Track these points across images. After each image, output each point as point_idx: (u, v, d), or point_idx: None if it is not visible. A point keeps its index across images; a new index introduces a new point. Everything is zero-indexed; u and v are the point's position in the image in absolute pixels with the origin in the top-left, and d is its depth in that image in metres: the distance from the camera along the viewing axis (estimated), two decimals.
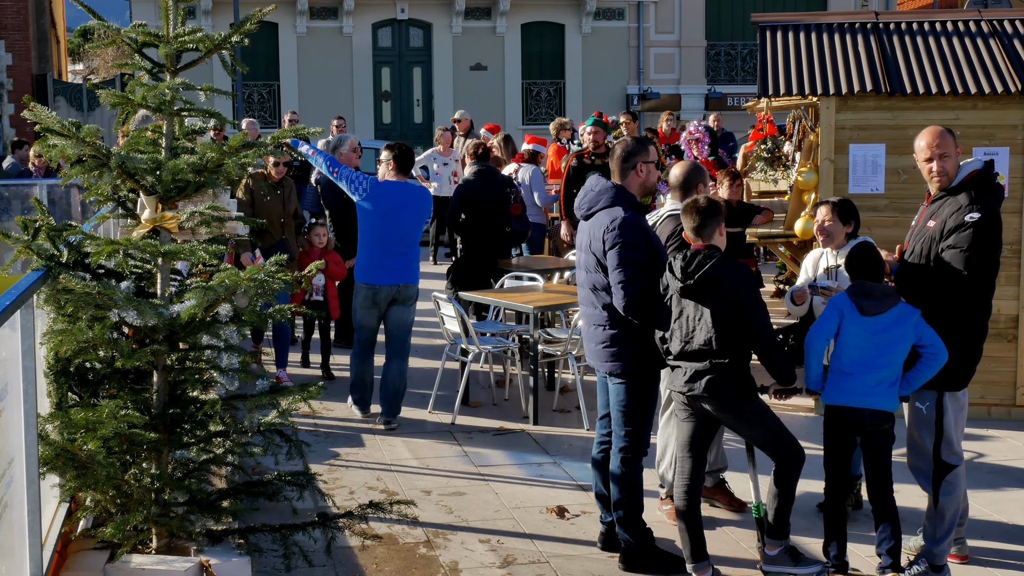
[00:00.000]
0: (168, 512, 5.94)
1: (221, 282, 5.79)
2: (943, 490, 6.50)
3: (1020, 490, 8.20)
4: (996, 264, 6.52)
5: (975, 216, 6.34)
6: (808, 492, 7.45)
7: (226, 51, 6.12)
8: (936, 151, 6.54)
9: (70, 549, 5.98)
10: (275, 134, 6.14)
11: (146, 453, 5.94)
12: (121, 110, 6.11)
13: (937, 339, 6.33)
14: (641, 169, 6.89)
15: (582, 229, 6.95)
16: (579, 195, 6.99)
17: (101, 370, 5.95)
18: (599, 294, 6.77)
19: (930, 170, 6.59)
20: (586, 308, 6.96)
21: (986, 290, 6.54)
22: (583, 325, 7.02)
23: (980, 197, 6.43)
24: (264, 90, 35.19)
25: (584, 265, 6.89)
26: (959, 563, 6.82)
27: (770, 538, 6.55)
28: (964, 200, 6.43)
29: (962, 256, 6.33)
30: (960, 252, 6.34)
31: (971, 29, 10.49)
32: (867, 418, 6.41)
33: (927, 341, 6.35)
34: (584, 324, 6.99)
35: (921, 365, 6.39)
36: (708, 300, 6.31)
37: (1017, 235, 9.72)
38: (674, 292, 6.45)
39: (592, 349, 6.91)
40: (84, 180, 5.95)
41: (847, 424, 6.46)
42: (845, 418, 6.46)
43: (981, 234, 6.34)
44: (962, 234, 6.35)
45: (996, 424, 9.64)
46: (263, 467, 7.24)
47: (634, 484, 6.81)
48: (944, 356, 6.33)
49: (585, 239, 6.88)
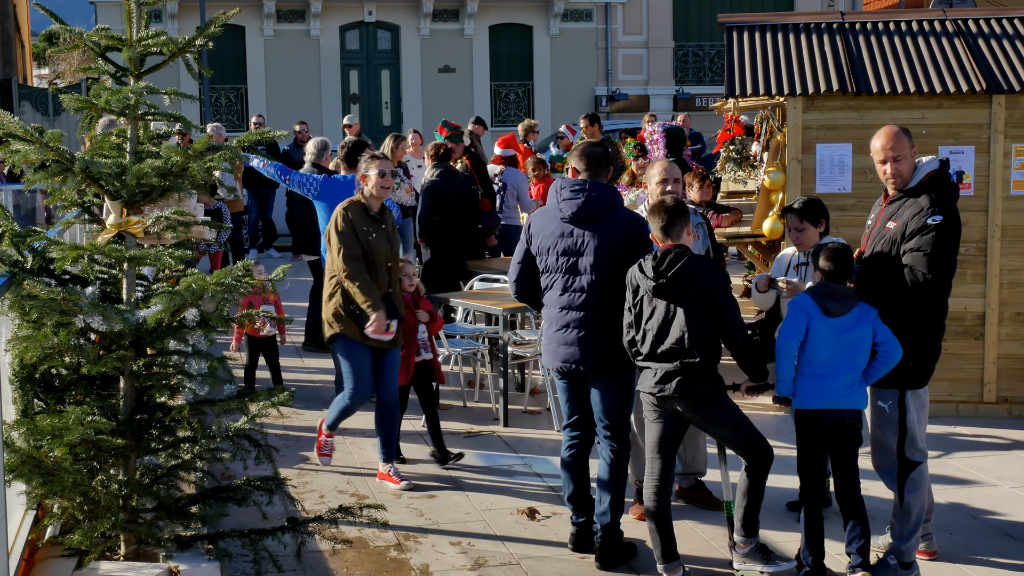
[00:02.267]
0: (136, 518, 5.90)
1: (188, 287, 5.75)
2: (908, 487, 6.54)
3: (987, 486, 8.25)
4: (954, 265, 6.56)
5: (937, 219, 6.36)
6: (777, 490, 7.48)
7: (190, 55, 6.08)
8: (890, 153, 6.57)
9: (37, 557, 5.94)
10: (240, 137, 6.11)
11: (113, 459, 5.90)
12: (85, 114, 6.06)
13: (891, 336, 6.37)
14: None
15: (584, 231, 6.87)
16: (572, 198, 6.91)
17: (67, 376, 5.90)
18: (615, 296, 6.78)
19: (884, 172, 6.63)
20: (588, 313, 6.87)
21: (945, 291, 6.59)
22: (577, 331, 6.91)
23: (940, 199, 6.45)
24: (231, 94, 35.06)
25: (591, 268, 6.82)
26: (928, 559, 6.85)
27: (740, 536, 6.57)
28: (925, 203, 6.44)
29: (925, 259, 6.35)
30: (923, 255, 6.36)
31: (936, 29, 10.55)
32: (848, 418, 6.43)
33: (881, 339, 6.39)
34: (580, 329, 6.91)
35: (876, 363, 6.43)
36: (681, 299, 6.33)
37: (982, 233, 9.78)
38: (646, 292, 6.46)
39: (596, 353, 6.87)
40: (48, 185, 5.91)
41: (828, 427, 6.45)
42: (825, 421, 6.45)
43: (943, 237, 6.37)
44: (924, 237, 6.37)
45: (964, 421, 9.70)
46: (232, 472, 7.20)
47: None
48: (898, 353, 6.37)
49: (594, 242, 6.83)
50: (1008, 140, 9.74)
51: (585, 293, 6.83)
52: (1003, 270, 9.82)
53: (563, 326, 6.89)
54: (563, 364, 6.93)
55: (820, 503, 6.57)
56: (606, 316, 6.77)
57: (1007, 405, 9.82)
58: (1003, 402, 9.83)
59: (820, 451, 6.57)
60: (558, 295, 6.92)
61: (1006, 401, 9.83)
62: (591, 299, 6.82)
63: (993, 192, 9.76)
